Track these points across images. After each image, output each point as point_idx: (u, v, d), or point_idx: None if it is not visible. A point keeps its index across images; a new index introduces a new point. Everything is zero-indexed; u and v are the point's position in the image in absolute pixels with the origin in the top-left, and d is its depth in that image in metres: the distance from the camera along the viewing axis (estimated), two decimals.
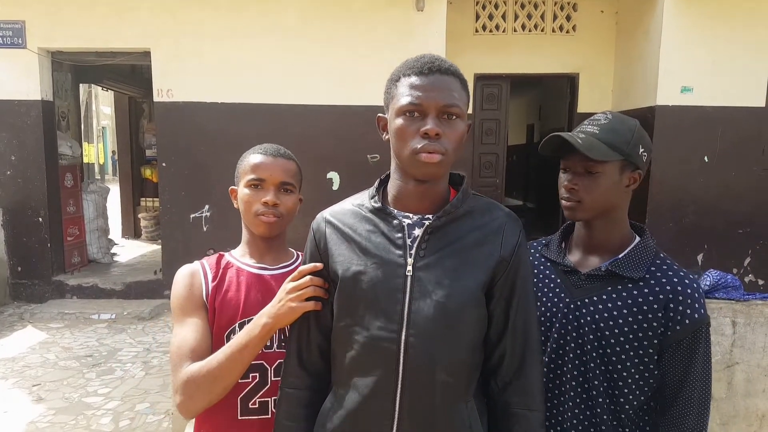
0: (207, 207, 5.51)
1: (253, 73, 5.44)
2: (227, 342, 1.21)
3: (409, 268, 1.02)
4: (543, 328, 1.28)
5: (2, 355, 4.49)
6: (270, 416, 1.24)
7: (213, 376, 1.15)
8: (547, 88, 9.21)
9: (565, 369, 1.26)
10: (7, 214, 5.70)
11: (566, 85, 6.85)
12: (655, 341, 1.18)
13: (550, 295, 1.30)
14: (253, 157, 1.36)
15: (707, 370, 1.19)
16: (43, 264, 5.81)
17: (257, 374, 1.26)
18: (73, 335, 4.99)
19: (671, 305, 1.17)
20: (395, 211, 1.08)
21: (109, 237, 7.49)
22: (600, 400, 1.20)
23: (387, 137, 1.09)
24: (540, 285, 1.32)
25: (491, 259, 1.03)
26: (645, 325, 1.18)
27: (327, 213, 1.16)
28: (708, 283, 2.91)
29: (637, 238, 1.31)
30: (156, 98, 5.48)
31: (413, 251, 1.03)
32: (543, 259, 1.36)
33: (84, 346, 4.73)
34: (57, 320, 5.35)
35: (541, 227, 7.29)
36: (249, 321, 1.21)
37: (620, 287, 1.22)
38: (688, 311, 1.17)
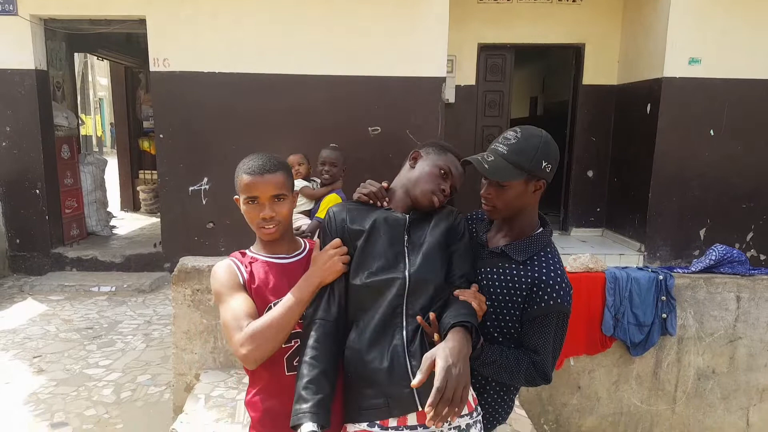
0: (206, 180, 5.44)
1: (251, 42, 5.31)
2: None
3: (406, 242, 1.55)
4: None
5: (3, 327, 4.49)
6: None
7: (277, 326, 1.42)
8: (551, 59, 9.06)
9: None
10: (3, 186, 5.64)
11: (571, 56, 6.72)
12: (518, 313, 1.55)
13: None
14: (244, 177, 1.53)
15: (557, 345, 1.57)
16: (41, 236, 5.77)
17: (298, 339, 1.51)
18: (73, 307, 4.99)
19: (534, 289, 1.51)
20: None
21: (108, 209, 7.45)
22: (488, 324, 1.59)
23: (413, 165, 1.68)
24: None
25: (445, 228, 1.59)
26: (515, 298, 1.54)
27: (345, 204, 1.64)
28: (714, 257, 2.88)
29: (539, 230, 1.63)
30: (152, 68, 5.36)
31: (406, 233, 1.57)
32: (472, 229, 1.76)
33: (84, 318, 4.73)
34: (57, 292, 5.34)
35: (547, 201, 7.23)
36: (279, 301, 1.48)
37: (505, 266, 1.58)
38: (545, 297, 1.50)
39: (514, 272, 1.55)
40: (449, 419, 1.27)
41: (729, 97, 5.55)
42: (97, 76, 19.23)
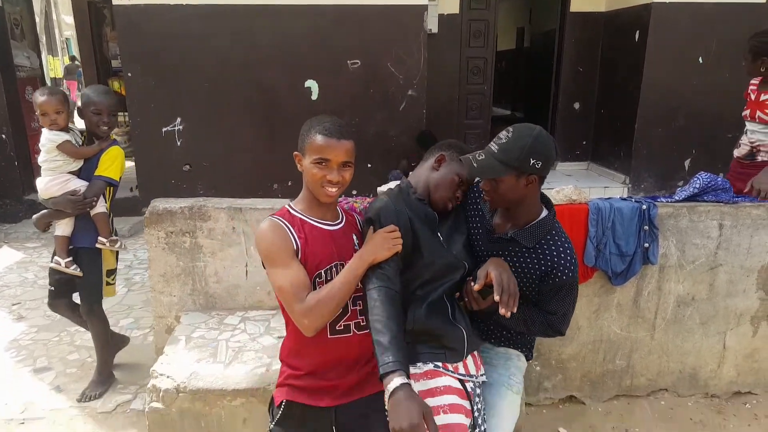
0: (179, 120, 5.23)
1: None
2: (314, 285, 1.59)
3: (439, 234, 1.85)
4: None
5: None
6: (351, 335, 1.67)
7: (338, 298, 1.55)
8: None
9: None
10: None
11: None
12: (533, 286, 1.79)
13: (477, 235, 1.92)
14: (320, 137, 1.58)
15: (571, 306, 1.82)
16: (12, 183, 5.60)
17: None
18: (50, 254, 4.89)
19: (547, 271, 1.75)
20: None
21: None
22: None
23: (436, 168, 1.91)
24: (475, 224, 1.96)
25: (464, 222, 1.96)
26: (530, 277, 1.78)
27: (390, 197, 1.84)
28: (698, 185, 2.84)
29: (543, 214, 1.82)
30: (115, 1, 5.03)
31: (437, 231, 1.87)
32: (479, 206, 1.95)
33: None
34: (33, 240, 5.24)
35: None
36: (329, 267, 1.61)
37: (516, 250, 1.80)
38: (559, 274, 1.74)
39: (526, 255, 1.79)
40: (512, 308, 1.57)
41: (719, 23, 5.39)
42: (62, 14, 18.24)
